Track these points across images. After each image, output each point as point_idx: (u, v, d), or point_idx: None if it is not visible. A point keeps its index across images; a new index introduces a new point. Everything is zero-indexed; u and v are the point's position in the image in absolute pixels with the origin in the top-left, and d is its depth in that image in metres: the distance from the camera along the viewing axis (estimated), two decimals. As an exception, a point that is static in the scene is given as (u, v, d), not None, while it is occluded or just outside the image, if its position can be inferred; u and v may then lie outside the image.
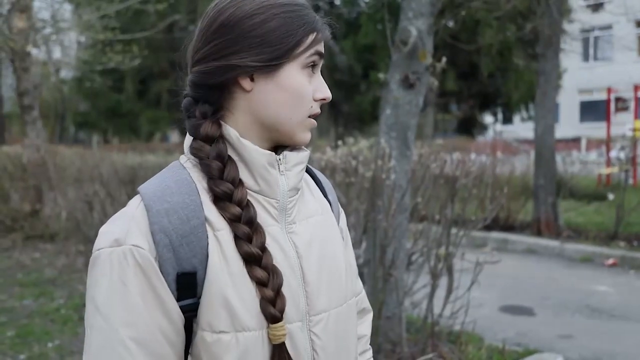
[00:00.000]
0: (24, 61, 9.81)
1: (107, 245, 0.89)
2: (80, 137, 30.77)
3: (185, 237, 0.89)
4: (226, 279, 0.90)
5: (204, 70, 0.95)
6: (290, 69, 0.95)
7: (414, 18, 3.63)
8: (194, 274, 0.89)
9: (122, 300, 0.86)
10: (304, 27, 0.96)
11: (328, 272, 1.01)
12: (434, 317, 3.63)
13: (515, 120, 24.35)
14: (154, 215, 0.89)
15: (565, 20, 11.00)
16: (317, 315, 0.98)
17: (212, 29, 0.95)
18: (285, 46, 0.94)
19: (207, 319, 0.90)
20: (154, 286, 0.87)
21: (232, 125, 0.96)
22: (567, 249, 7.82)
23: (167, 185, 0.93)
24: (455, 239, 3.55)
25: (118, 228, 0.90)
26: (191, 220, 0.90)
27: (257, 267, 0.91)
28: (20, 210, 8.96)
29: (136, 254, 0.87)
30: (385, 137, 3.67)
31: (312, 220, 1.03)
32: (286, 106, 0.96)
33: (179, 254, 0.88)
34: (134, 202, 0.93)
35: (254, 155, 0.95)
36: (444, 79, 16.39)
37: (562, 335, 4.78)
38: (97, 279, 0.89)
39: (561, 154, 12.56)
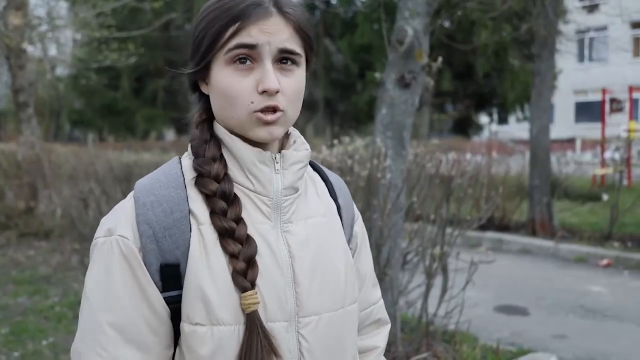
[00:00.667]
0: (19, 58, 9.77)
1: (101, 235, 0.93)
2: (76, 135, 30.68)
3: (168, 229, 0.91)
4: (204, 271, 0.90)
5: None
6: (216, 68, 0.94)
7: (410, 18, 3.64)
8: (177, 266, 0.91)
9: (104, 287, 0.90)
10: (220, 22, 0.91)
11: (323, 275, 0.99)
12: (428, 317, 3.64)
13: (511, 120, 24.42)
14: (140, 207, 0.92)
15: (560, 21, 11.04)
16: (306, 317, 0.96)
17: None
18: (204, 47, 0.93)
19: (186, 310, 0.91)
20: (136, 275, 0.90)
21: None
22: (561, 249, 7.85)
23: (157, 179, 0.96)
24: (450, 238, 3.56)
25: (111, 219, 0.94)
26: (174, 212, 0.92)
27: (230, 239, 0.92)
28: (15, 207, 8.93)
29: (121, 244, 0.90)
30: (381, 136, 3.67)
31: (312, 221, 1.01)
32: (222, 106, 0.95)
33: (162, 246, 0.90)
34: (129, 195, 0.97)
35: (243, 152, 0.96)
36: (440, 79, 16.41)
37: (556, 335, 4.80)
38: (90, 266, 0.94)
39: (556, 155, 12.60)
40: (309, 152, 1.02)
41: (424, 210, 3.80)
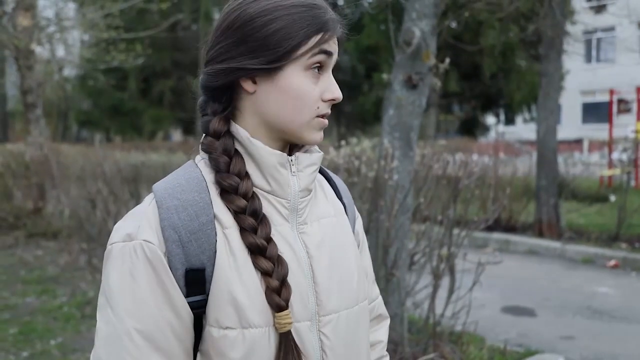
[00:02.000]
0: (27, 59, 9.84)
1: (119, 240, 0.91)
2: (83, 136, 30.81)
3: (194, 233, 0.91)
4: (233, 275, 0.91)
5: (209, 72, 0.97)
6: (291, 71, 0.95)
7: (418, 19, 3.64)
8: (203, 271, 0.91)
9: (130, 293, 0.88)
10: (307, 28, 0.95)
11: (339, 274, 1.02)
12: (435, 318, 3.64)
13: (518, 121, 24.36)
14: (164, 211, 0.91)
15: (568, 21, 11.00)
16: (326, 315, 0.99)
17: (219, 31, 0.97)
18: (284, 49, 0.94)
19: (214, 315, 0.91)
20: (162, 281, 0.89)
21: (242, 125, 0.98)
22: (568, 250, 7.82)
23: (179, 183, 0.95)
24: (457, 239, 3.56)
25: (131, 224, 0.93)
26: (200, 217, 0.92)
27: (262, 258, 0.93)
28: (23, 207, 9.00)
29: (146, 249, 0.89)
30: (388, 137, 3.68)
31: (324, 221, 1.04)
32: (287, 108, 0.96)
33: (187, 250, 0.90)
34: (148, 199, 0.96)
35: (264, 155, 0.96)
36: (447, 80, 16.38)
37: (564, 336, 4.79)
38: (109, 272, 0.91)
39: (563, 156, 12.56)
40: (322, 154, 1.05)
41: (431, 211, 3.80)
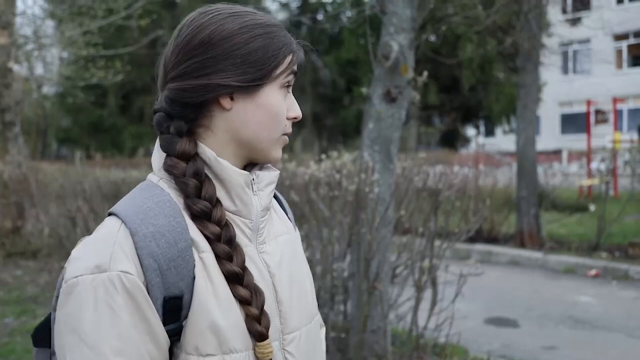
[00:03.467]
0: (5, 77, 9.74)
1: (86, 272, 0.84)
2: (63, 153, 30.50)
3: (173, 260, 0.87)
4: (212, 301, 0.89)
5: (182, 87, 0.93)
6: (270, 89, 0.96)
7: (396, 33, 3.68)
8: (181, 298, 0.88)
9: (112, 328, 0.83)
10: (284, 48, 0.97)
11: (298, 291, 1.03)
12: (418, 330, 3.64)
13: (497, 132, 24.64)
14: (140, 239, 0.86)
15: (544, 34, 11.19)
16: (290, 333, 0.99)
17: (191, 45, 0.94)
18: (267, 67, 0.95)
19: (193, 342, 0.88)
20: (144, 313, 0.84)
21: (207, 144, 0.96)
22: (550, 260, 7.89)
23: (149, 207, 0.90)
24: (439, 251, 3.58)
25: (97, 253, 0.86)
26: (178, 243, 0.88)
27: (240, 286, 0.91)
28: (2, 227, 8.85)
29: (124, 280, 0.84)
30: (368, 150, 3.69)
31: (280, 239, 1.04)
32: (265, 125, 0.96)
33: (166, 278, 0.86)
34: (112, 224, 0.89)
35: (232, 176, 0.95)
36: (427, 93, 16.54)
37: (546, 346, 4.81)
38: (78, 309, 0.83)
39: (543, 166, 12.70)
40: (278, 172, 1.05)
41: (412, 224, 3.82)
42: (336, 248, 3.67)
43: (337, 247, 3.67)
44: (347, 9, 19.82)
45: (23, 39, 11.83)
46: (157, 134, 0.98)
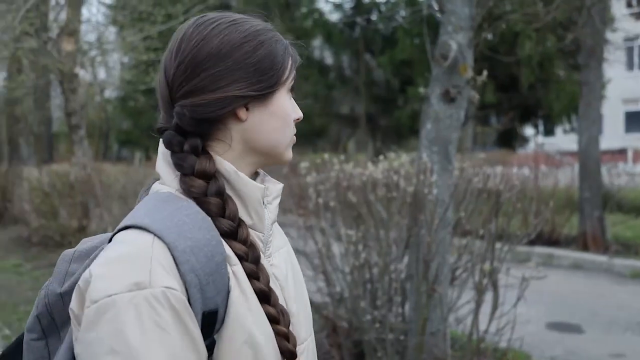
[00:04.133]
0: (71, 83, 10.16)
1: (123, 290, 0.79)
2: (124, 155, 31.50)
3: (211, 275, 0.84)
4: (248, 314, 0.88)
5: (198, 103, 0.90)
6: (281, 94, 0.97)
7: (454, 32, 3.63)
8: (216, 312, 0.85)
9: (162, 347, 0.78)
10: (285, 51, 0.97)
11: (301, 302, 1.02)
12: (479, 334, 3.57)
13: (558, 132, 23.90)
14: (180, 254, 0.82)
15: (608, 29, 10.78)
16: (300, 345, 0.98)
17: (199, 58, 0.91)
18: (277, 73, 0.95)
19: (228, 357, 0.86)
20: (190, 330, 0.81)
21: (225, 158, 0.93)
22: (615, 264, 7.60)
23: (181, 220, 0.85)
24: (499, 253, 3.50)
25: (132, 269, 0.81)
26: (215, 256, 0.85)
27: (267, 305, 0.90)
28: (69, 226, 9.22)
29: (170, 296, 0.79)
30: (426, 151, 3.65)
31: (282, 251, 1.03)
32: (279, 131, 0.97)
33: (205, 293, 0.83)
34: (142, 239, 0.83)
35: (251, 189, 0.93)
36: (484, 92, 16.19)
37: (613, 354, 4.64)
38: (118, 329, 0.78)
39: (607, 166, 12.24)
40: (282, 185, 1.04)
41: (472, 225, 3.75)
42: (394, 249, 3.64)
43: (394, 248, 3.64)
44: (402, 8, 19.65)
45: (87, 46, 12.30)
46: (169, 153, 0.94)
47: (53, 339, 0.97)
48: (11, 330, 5.19)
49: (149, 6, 11.70)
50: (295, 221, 4.27)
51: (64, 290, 0.94)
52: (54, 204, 9.59)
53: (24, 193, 10.65)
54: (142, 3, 11.75)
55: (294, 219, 4.23)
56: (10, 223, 11.97)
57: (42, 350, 0.97)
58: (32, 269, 8.01)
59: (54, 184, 9.77)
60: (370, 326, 3.49)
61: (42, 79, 13.82)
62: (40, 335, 0.97)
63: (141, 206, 0.90)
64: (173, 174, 0.92)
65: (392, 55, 19.14)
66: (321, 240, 3.94)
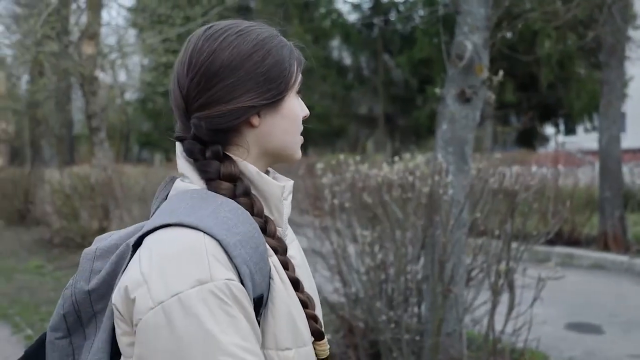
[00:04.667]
0: (92, 85, 10.30)
1: (187, 287, 0.83)
2: (144, 156, 31.83)
3: (257, 264, 0.90)
4: (289, 300, 0.95)
5: (213, 115, 0.95)
6: (290, 98, 1.01)
7: (470, 32, 3.62)
8: (262, 297, 0.91)
9: (237, 332, 0.84)
10: (291, 56, 1.01)
11: (313, 293, 1.07)
12: (495, 334, 3.56)
13: (579, 130, 23.61)
14: (232, 248, 0.87)
15: (630, 27, 10.64)
16: None
17: (212, 70, 0.95)
18: (286, 79, 0.99)
19: (273, 338, 0.93)
20: (250, 314, 0.87)
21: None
22: (637, 265, 7.50)
23: (226, 216, 0.90)
24: (516, 253, 3.48)
25: (192, 267, 0.85)
26: (259, 247, 0.92)
27: (298, 291, 0.97)
28: (89, 227, 9.35)
29: (232, 287, 0.85)
30: (442, 152, 3.65)
31: (295, 244, 1.08)
32: (290, 133, 1.02)
33: (255, 281, 0.89)
34: (191, 236, 0.88)
35: (274, 189, 0.99)
36: (503, 91, 16.09)
37: (634, 355, 4.58)
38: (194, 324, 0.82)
39: (628, 165, 12.07)
40: (293, 182, 1.09)
41: (488, 226, 3.74)
42: (409, 250, 3.65)
43: (410, 249, 3.65)
44: (420, 8, 19.59)
45: (108, 49, 12.45)
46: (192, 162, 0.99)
47: (77, 336, 1.01)
48: (33, 330, 5.29)
49: (167, 9, 11.83)
50: (312, 222, 4.29)
51: (91, 287, 0.99)
52: (75, 205, 9.73)
53: (46, 195, 10.82)
54: (161, 5, 11.89)
55: (310, 219, 4.25)
56: (33, 225, 12.17)
57: (67, 349, 1.01)
58: (54, 270, 8.14)
59: (75, 186, 9.91)
60: (386, 326, 3.50)
61: (63, 82, 14.03)
62: (65, 334, 1.01)
63: (176, 204, 0.93)
64: (198, 177, 0.97)
65: (411, 55, 19.10)
66: (336, 241, 3.96)
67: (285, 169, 0.94)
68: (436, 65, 16.69)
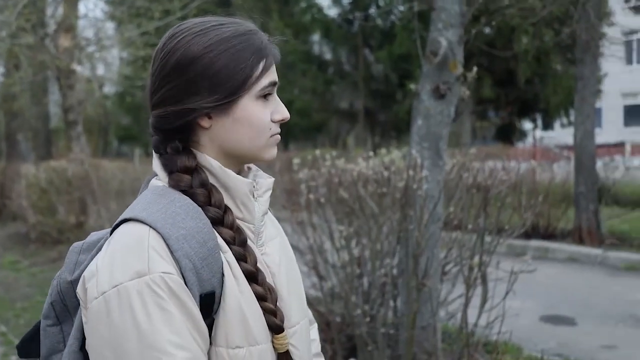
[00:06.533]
0: (69, 79, 10.18)
1: (126, 279, 0.87)
2: (124, 151, 31.52)
3: (205, 259, 0.92)
4: (239, 296, 0.95)
5: (162, 115, 0.98)
6: (245, 101, 0.98)
7: (444, 29, 3.65)
8: (213, 294, 0.93)
9: (168, 326, 0.86)
10: (252, 58, 0.97)
11: (294, 288, 1.09)
12: (468, 327, 3.61)
13: (556, 125, 23.90)
14: (174, 242, 0.89)
15: (604, 23, 10.78)
16: (292, 327, 1.05)
17: (164, 71, 0.97)
18: (236, 82, 0.96)
19: (224, 335, 0.94)
20: (189, 309, 0.89)
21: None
22: (610, 257, 7.64)
23: (174, 212, 0.93)
24: (489, 247, 3.53)
25: (132, 259, 0.89)
26: (207, 242, 0.93)
27: (255, 284, 0.98)
28: (66, 222, 9.25)
29: (168, 280, 0.87)
30: (417, 147, 3.68)
31: (275, 241, 1.10)
32: (245, 137, 1.00)
33: (201, 277, 0.91)
34: (138, 230, 0.92)
35: (237, 184, 1.00)
36: (481, 86, 16.23)
37: (605, 345, 4.68)
38: (128, 315, 0.86)
39: (603, 160, 12.26)
40: (273, 179, 1.10)
41: (462, 220, 3.79)
42: (385, 245, 3.68)
43: (386, 243, 3.68)
44: (399, 3, 19.63)
45: (85, 41, 12.28)
46: (157, 156, 1.03)
47: (67, 324, 1.06)
48: (8, 327, 5.23)
49: (146, 1, 11.69)
50: (289, 217, 4.30)
51: (74, 278, 1.03)
52: (51, 200, 9.61)
53: (22, 189, 10.67)
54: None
55: (287, 215, 4.27)
56: (9, 220, 12.02)
57: (58, 335, 1.06)
58: (30, 266, 8.05)
59: (51, 180, 9.80)
60: (361, 320, 3.53)
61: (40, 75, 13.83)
62: (55, 322, 1.06)
63: (139, 200, 0.98)
64: (163, 172, 1.00)
65: (391, 50, 19.16)
66: (312, 236, 3.98)
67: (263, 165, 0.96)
68: (416, 61, 16.76)
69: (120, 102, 24.63)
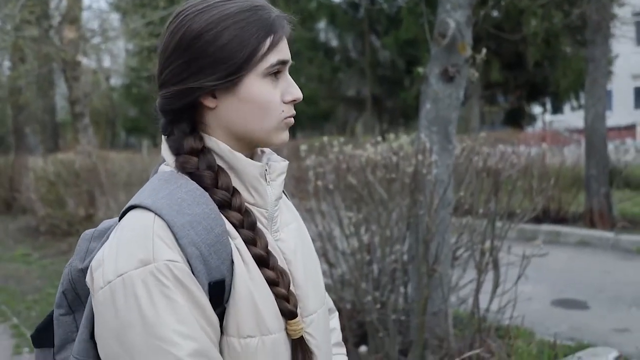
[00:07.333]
0: (74, 71, 10.16)
1: (131, 268, 0.85)
2: (131, 142, 31.61)
3: (212, 246, 0.88)
4: (250, 283, 0.92)
5: (166, 95, 0.95)
6: (250, 80, 0.93)
7: (452, 10, 3.58)
8: (223, 282, 0.89)
9: (173, 315, 0.83)
10: (257, 34, 0.92)
11: (311, 276, 1.05)
12: (480, 312, 3.57)
13: (566, 109, 23.71)
14: (179, 229, 0.87)
15: (615, 4, 10.62)
16: (309, 316, 1.01)
17: (167, 51, 0.94)
18: (240, 59, 0.92)
19: (235, 324, 0.91)
20: (196, 298, 0.86)
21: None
22: (622, 240, 7.57)
23: (181, 197, 0.90)
24: (500, 232, 3.49)
25: (137, 248, 0.86)
26: (215, 228, 0.90)
27: (266, 269, 0.94)
28: (75, 214, 9.28)
29: (173, 268, 0.84)
30: (425, 131, 3.63)
31: (291, 227, 1.06)
32: (253, 117, 0.95)
33: (209, 264, 0.88)
34: (143, 218, 0.89)
35: (247, 167, 0.96)
36: (489, 70, 16.06)
37: (618, 329, 4.63)
38: (133, 304, 0.84)
39: (614, 143, 12.14)
40: (287, 163, 1.06)
41: (472, 205, 3.74)
42: (395, 231, 3.64)
43: (395, 229, 3.64)
44: (406, -13, 19.45)
45: (90, 33, 12.26)
46: (165, 138, 1.00)
47: (79, 313, 1.04)
48: (19, 319, 5.25)
49: (150, -8, 11.65)
50: (297, 204, 4.27)
51: (85, 266, 1.01)
52: (59, 193, 9.64)
53: (30, 183, 10.71)
54: (143, -12, 11.70)
55: (296, 202, 4.24)
56: (19, 213, 12.07)
57: (71, 325, 1.04)
58: (40, 258, 8.09)
59: (59, 173, 9.82)
60: (372, 307, 3.50)
61: (45, 67, 13.84)
62: (67, 311, 1.04)
63: (146, 186, 0.96)
64: (172, 156, 0.97)
65: (397, 36, 19.01)
66: (321, 223, 3.94)
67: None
68: (422, 46, 16.62)
69: (127, 94, 24.64)
